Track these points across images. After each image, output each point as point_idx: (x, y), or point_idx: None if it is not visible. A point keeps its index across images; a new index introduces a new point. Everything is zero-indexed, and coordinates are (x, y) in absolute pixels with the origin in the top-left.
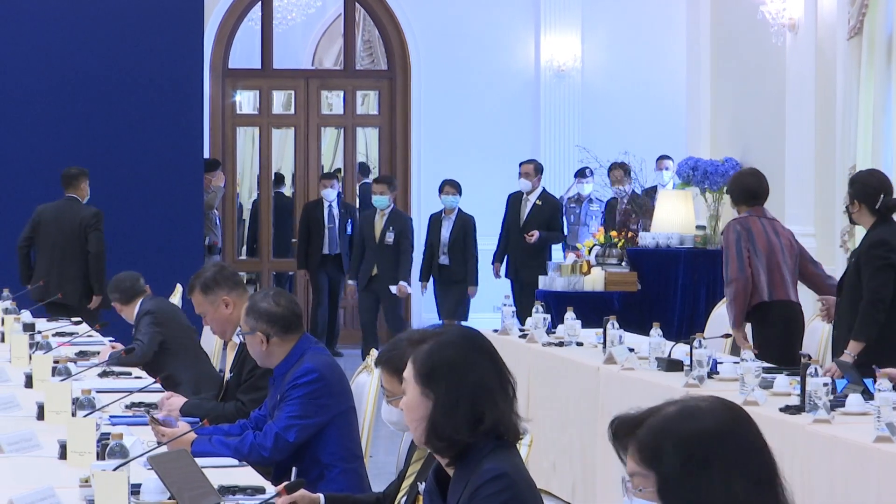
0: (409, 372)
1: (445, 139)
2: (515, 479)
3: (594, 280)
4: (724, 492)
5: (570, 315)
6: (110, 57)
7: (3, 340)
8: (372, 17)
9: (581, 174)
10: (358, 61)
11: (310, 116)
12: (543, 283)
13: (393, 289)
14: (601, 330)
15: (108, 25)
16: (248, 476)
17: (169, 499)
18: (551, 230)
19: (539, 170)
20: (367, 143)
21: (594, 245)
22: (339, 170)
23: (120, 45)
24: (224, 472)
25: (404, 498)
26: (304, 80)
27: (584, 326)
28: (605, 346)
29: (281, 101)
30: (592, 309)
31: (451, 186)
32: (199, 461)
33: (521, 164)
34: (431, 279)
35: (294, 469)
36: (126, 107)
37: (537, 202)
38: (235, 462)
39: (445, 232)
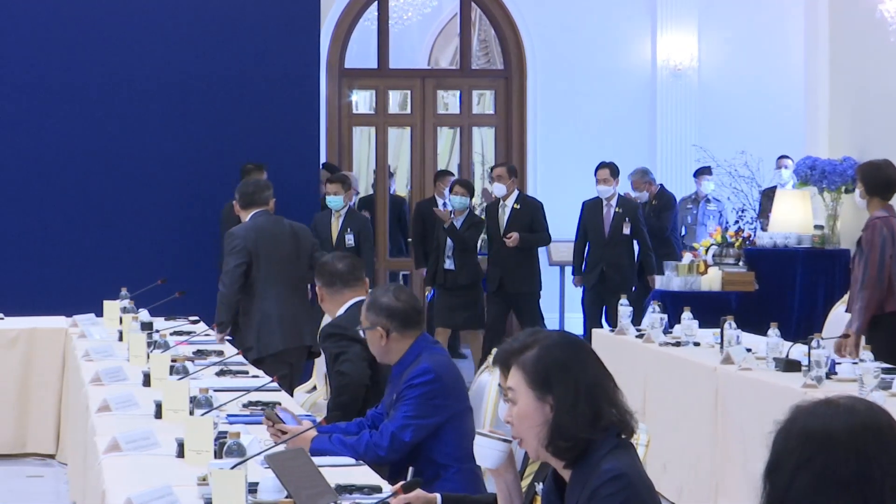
0: (516, 381)
1: (561, 139)
2: (633, 479)
3: (711, 280)
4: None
5: (686, 315)
6: (227, 58)
7: (121, 339)
8: (488, 17)
9: (700, 173)
10: (474, 61)
11: (426, 116)
12: (660, 282)
13: None
14: (718, 330)
15: (225, 27)
16: (364, 475)
17: (286, 497)
18: (534, 233)
19: (513, 172)
20: (483, 143)
21: (711, 245)
22: (450, 172)
23: (237, 46)
24: (341, 471)
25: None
26: (420, 79)
27: (700, 326)
28: (722, 347)
29: (397, 100)
30: (709, 309)
31: (461, 187)
32: (316, 460)
33: (492, 168)
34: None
35: (410, 469)
36: (243, 108)
37: (515, 206)
38: (352, 461)
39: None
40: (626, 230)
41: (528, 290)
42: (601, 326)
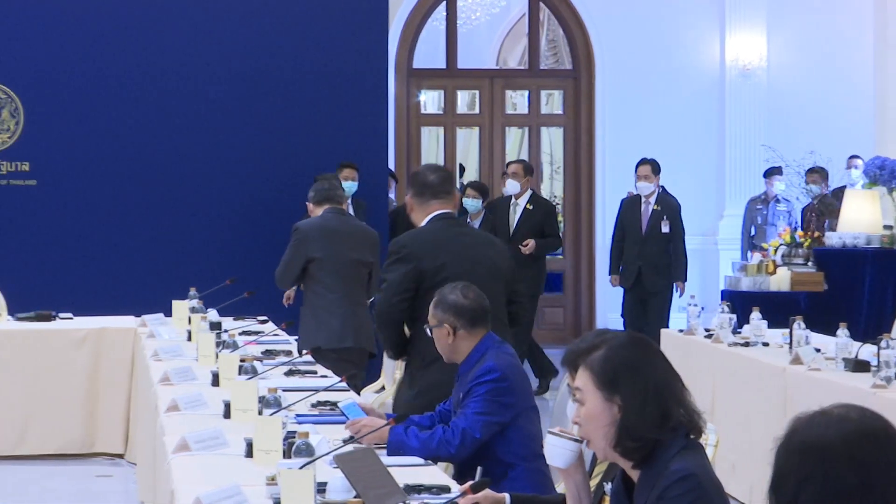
0: (584, 381)
1: (629, 139)
2: (702, 479)
3: (780, 280)
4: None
5: (755, 315)
6: (296, 59)
7: (190, 339)
8: (556, 17)
9: (770, 173)
10: (542, 61)
11: (494, 116)
12: (728, 283)
13: None
14: (787, 330)
15: (294, 28)
16: (432, 475)
17: (355, 497)
18: (546, 236)
19: (528, 170)
20: (552, 143)
21: (780, 245)
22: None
23: (306, 47)
24: (409, 470)
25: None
26: (488, 79)
27: (769, 327)
28: (791, 347)
29: (465, 100)
30: (778, 309)
31: (474, 189)
32: (385, 460)
33: (508, 164)
34: None
35: (479, 468)
36: (312, 108)
37: (528, 206)
38: (421, 461)
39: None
40: (665, 228)
41: (530, 292)
42: (641, 330)
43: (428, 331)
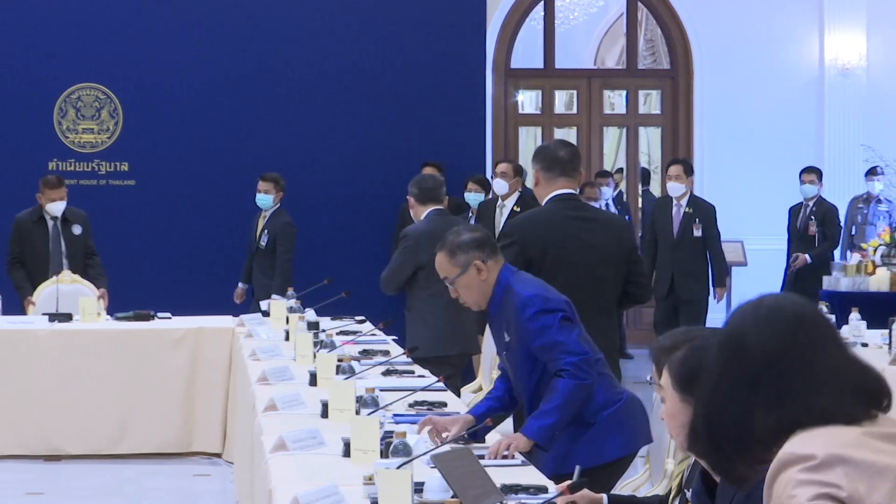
0: (665, 380)
1: (728, 138)
2: None
3: (879, 280)
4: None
5: (854, 316)
6: (394, 59)
7: (287, 339)
8: (654, 16)
9: (871, 173)
10: (640, 60)
11: (592, 116)
12: (827, 283)
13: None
14: (886, 331)
15: (392, 28)
16: (529, 475)
17: (452, 497)
18: None
19: (518, 171)
20: (649, 143)
21: (879, 245)
22: (620, 169)
23: (404, 46)
24: (506, 470)
25: (677, 498)
26: (586, 79)
27: (869, 327)
28: (890, 347)
29: (563, 100)
30: (878, 309)
31: (476, 183)
32: (481, 461)
33: (496, 164)
34: None
35: (577, 468)
36: (410, 108)
37: (514, 208)
38: (518, 461)
39: None
40: (697, 232)
41: None
42: None
43: (451, 290)
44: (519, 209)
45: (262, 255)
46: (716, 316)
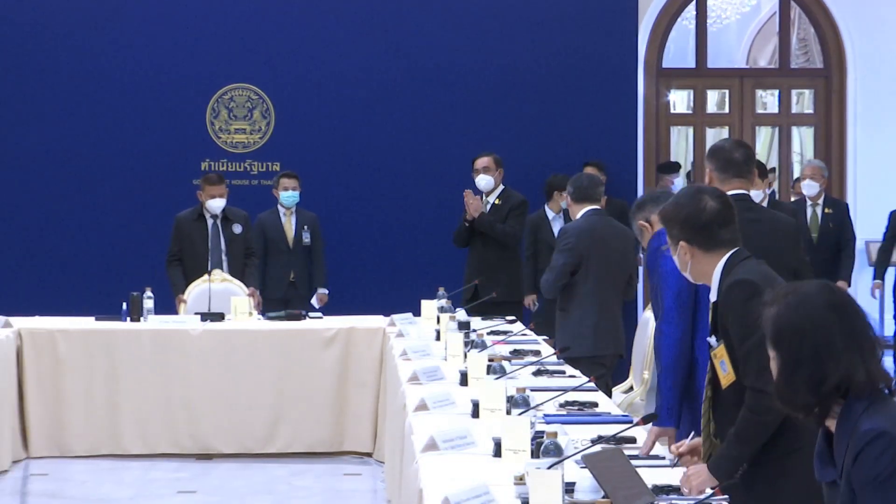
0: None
1: (883, 139)
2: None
3: None
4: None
5: None
6: (545, 58)
7: (438, 339)
8: (807, 15)
9: None
10: (793, 59)
11: (744, 116)
12: None
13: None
14: None
15: (543, 27)
16: (680, 475)
17: (603, 497)
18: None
19: (499, 162)
20: (802, 143)
21: None
22: (773, 169)
23: (555, 45)
24: (657, 471)
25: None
26: (738, 79)
27: None
28: None
29: (715, 100)
30: None
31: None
32: (632, 461)
33: (475, 160)
34: None
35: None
36: (560, 106)
37: (496, 202)
38: (667, 461)
39: None
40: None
41: (513, 299)
42: None
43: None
44: (500, 202)
45: (300, 253)
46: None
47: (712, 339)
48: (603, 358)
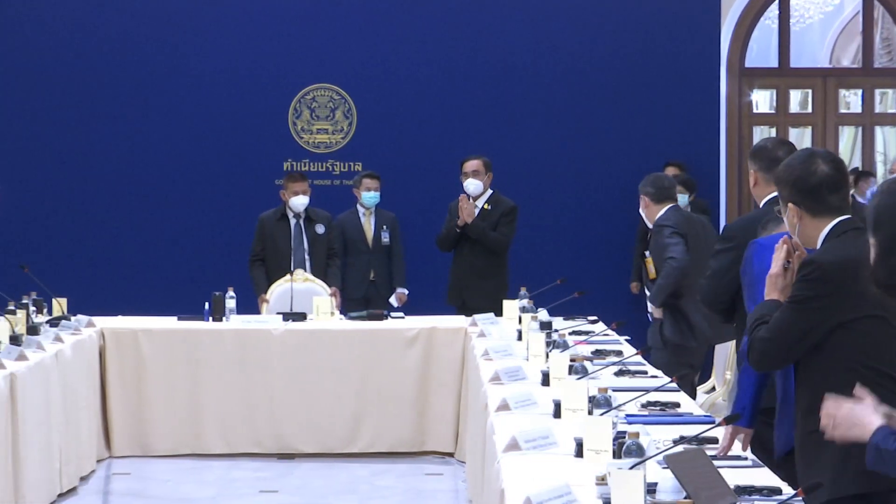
0: None
1: None
2: None
3: None
4: None
5: None
6: (628, 57)
7: (520, 339)
8: (890, 14)
9: None
10: (876, 59)
11: (827, 115)
12: None
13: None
14: None
15: (626, 27)
16: (764, 476)
17: (685, 498)
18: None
19: (489, 166)
20: (886, 143)
21: None
22: (855, 169)
23: (637, 45)
24: (740, 472)
25: None
26: (821, 78)
27: None
28: None
29: (797, 99)
30: None
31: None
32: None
33: (463, 163)
34: None
35: None
36: (643, 106)
37: (485, 206)
38: (749, 462)
39: None
40: None
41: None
42: None
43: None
44: (490, 207)
45: (379, 252)
46: None
47: None
48: (689, 355)
